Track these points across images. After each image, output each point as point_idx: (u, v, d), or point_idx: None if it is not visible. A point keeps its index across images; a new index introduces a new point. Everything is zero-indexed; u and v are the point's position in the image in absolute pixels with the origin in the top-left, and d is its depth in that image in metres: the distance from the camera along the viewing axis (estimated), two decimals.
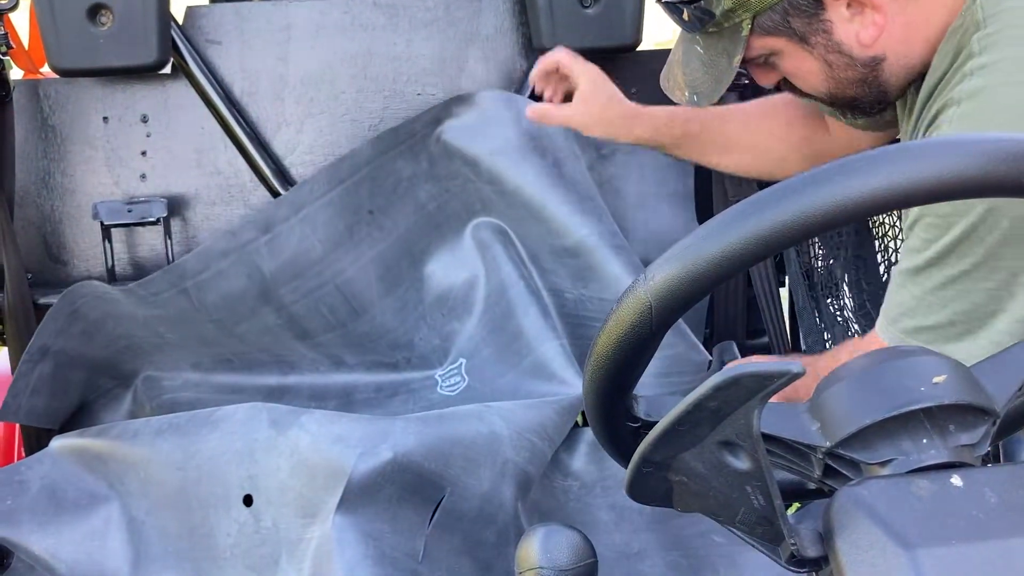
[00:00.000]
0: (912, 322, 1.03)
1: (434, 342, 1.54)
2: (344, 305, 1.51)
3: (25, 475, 1.25)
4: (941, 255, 0.98)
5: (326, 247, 1.49)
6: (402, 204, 1.52)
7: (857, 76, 1.09)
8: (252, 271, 1.44)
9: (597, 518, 1.26)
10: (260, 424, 1.18)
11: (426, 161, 1.52)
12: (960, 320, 1.00)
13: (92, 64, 1.45)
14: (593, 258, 1.45)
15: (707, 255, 0.59)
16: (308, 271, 1.48)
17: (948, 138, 0.61)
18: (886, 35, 1.06)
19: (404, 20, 1.59)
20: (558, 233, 1.47)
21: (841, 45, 1.07)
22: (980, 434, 0.61)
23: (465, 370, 1.49)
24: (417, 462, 1.14)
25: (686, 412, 0.58)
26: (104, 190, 1.56)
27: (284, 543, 1.14)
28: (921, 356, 0.63)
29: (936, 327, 1.01)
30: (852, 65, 1.09)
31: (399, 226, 1.53)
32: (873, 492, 0.57)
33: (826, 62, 1.09)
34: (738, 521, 0.64)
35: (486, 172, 1.49)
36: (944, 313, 1.00)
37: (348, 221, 1.50)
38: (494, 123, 1.48)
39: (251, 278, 1.44)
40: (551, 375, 1.40)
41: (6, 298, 1.45)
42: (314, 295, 1.49)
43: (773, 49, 1.11)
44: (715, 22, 1.08)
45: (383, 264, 1.53)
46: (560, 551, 0.68)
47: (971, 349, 0.95)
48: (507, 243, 1.53)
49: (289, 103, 1.59)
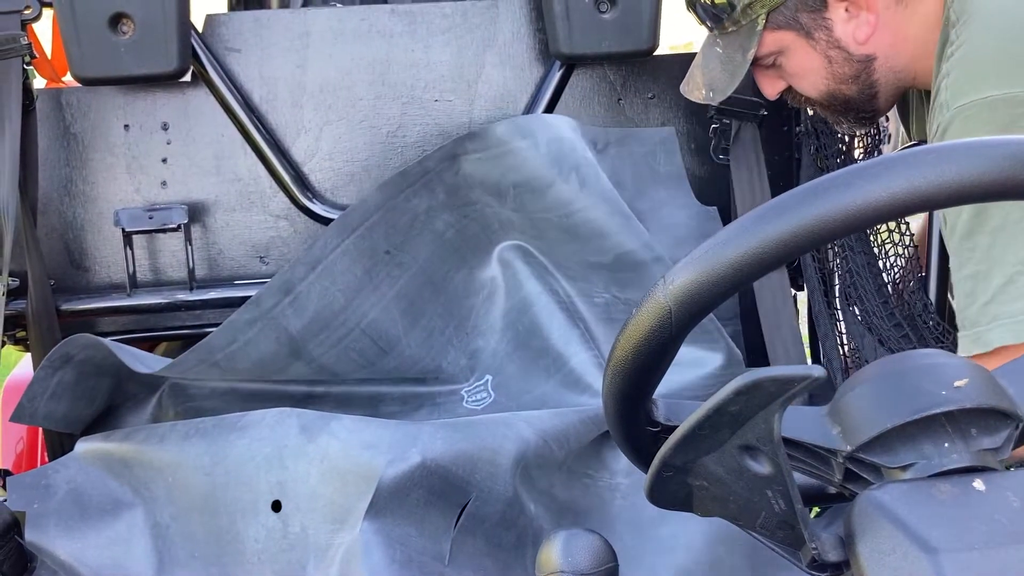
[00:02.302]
0: (979, 302, 1.07)
1: (461, 362, 1.54)
2: (372, 347, 1.50)
3: (51, 479, 1.26)
4: (973, 223, 1.07)
5: (347, 295, 1.48)
6: (420, 237, 1.52)
7: (852, 72, 1.25)
8: (280, 334, 1.43)
9: (643, 514, 1.26)
10: (289, 430, 1.19)
11: (443, 193, 1.51)
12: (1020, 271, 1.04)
13: (113, 73, 1.47)
14: (632, 271, 1.45)
15: (727, 259, 0.59)
16: (333, 322, 1.47)
17: (971, 141, 0.60)
18: (877, 35, 1.23)
19: (422, 27, 1.60)
20: (594, 251, 1.46)
21: (840, 41, 1.24)
22: (1003, 438, 0.60)
23: (492, 386, 1.49)
24: (445, 467, 1.15)
25: (706, 416, 0.58)
26: (125, 197, 1.58)
27: (312, 549, 1.14)
28: (942, 360, 0.63)
29: (1003, 287, 1.05)
30: (849, 61, 1.25)
31: (418, 259, 1.52)
32: (895, 496, 0.57)
33: (827, 57, 1.25)
34: (759, 525, 0.64)
35: (510, 201, 1.48)
36: (1003, 270, 1.05)
37: (365, 265, 1.49)
38: (511, 154, 1.47)
39: (279, 340, 1.43)
40: (586, 387, 1.40)
41: (29, 304, 1.47)
42: (342, 343, 1.49)
43: (782, 45, 1.27)
44: (733, 18, 1.26)
45: (406, 299, 1.52)
46: (580, 555, 0.68)
47: None
48: (529, 259, 1.52)
49: (308, 110, 1.60)
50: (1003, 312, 1.06)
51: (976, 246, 1.07)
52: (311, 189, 1.59)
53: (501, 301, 1.53)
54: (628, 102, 1.64)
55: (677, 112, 1.65)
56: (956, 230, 1.09)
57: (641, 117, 1.65)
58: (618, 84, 1.64)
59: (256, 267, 1.61)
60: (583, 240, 1.46)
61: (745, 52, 1.26)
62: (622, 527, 1.25)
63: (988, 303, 1.07)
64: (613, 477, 1.31)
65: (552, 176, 1.46)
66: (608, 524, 1.25)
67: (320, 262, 1.46)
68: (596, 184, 1.48)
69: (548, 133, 1.49)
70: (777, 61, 1.30)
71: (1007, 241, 1.06)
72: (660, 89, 1.65)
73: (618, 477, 1.30)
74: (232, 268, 1.60)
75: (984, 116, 1.07)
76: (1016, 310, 1.05)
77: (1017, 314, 1.05)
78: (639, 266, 1.45)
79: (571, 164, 1.48)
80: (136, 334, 1.61)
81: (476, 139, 1.49)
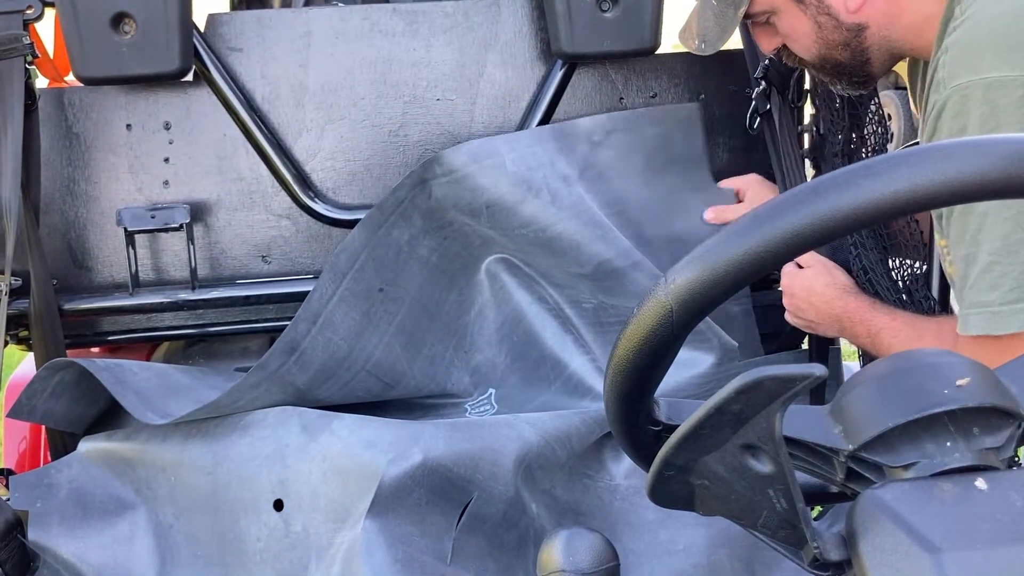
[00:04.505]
0: (967, 285, 1.08)
1: (464, 380, 1.54)
2: (378, 384, 1.49)
3: (54, 478, 1.27)
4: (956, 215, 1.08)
5: (350, 342, 1.46)
6: (408, 268, 1.51)
7: (842, 39, 1.25)
8: (286, 388, 1.40)
9: (643, 517, 1.26)
10: (291, 429, 1.19)
11: (420, 219, 1.50)
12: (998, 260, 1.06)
13: (116, 72, 1.47)
14: (613, 279, 1.44)
15: (728, 258, 0.59)
16: (338, 370, 1.45)
17: (975, 139, 0.60)
18: (870, 5, 1.22)
19: (423, 26, 1.60)
20: (573, 263, 1.46)
21: (830, 8, 1.24)
22: (1005, 437, 0.60)
23: (495, 399, 1.49)
24: (446, 466, 1.15)
25: (708, 415, 0.58)
26: (128, 196, 1.58)
27: (314, 547, 1.14)
28: (944, 358, 0.63)
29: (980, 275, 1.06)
30: (839, 28, 1.25)
31: (410, 290, 1.51)
32: (896, 495, 0.57)
33: (816, 23, 1.26)
34: (760, 525, 0.63)
35: (485, 221, 1.47)
36: (983, 257, 1.06)
37: (363, 308, 1.47)
38: (479, 175, 1.45)
39: (286, 392, 1.40)
40: (586, 391, 1.40)
41: (32, 304, 1.47)
42: (348, 386, 1.46)
43: (773, 6, 1.28)
44: None
45: (404, 332, 1.51)
46: (582, 554, 0.68)
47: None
48: (515, 270, 1.52)
49: (309, 109, 1.60)
50: (979, 300, 1.08)
51: (967, 227, 1.09)
52: (313, 188, 1.59)
53: (493, 315, 1.53)
54: (630, 101, 1.64)
55: None
56: (954, 208, 1.10)
57: None
58: (620, 83, 1.64)
59: (258, 266, 1.61)
60: (560, 253, 1.45)
61: (737, 8, 1.28)
62: (622, 529, 1.25)
63: (971, 288, 1.09)
64: (613, 479, 1.31)
65: (522, 193, 1.44)
66: (608, 526, 1.26)
67: (320, 315, 1.43)
68: (568, 197, 1.46)
69: (513, 152, 1.47)
70: (770, 21, 1.31)
71: (990, 227, 1.07)
72: (662, 88, 1.65)
73: (617, 479, 1.30)
74: (234, 267, 1.61)
75: (979, 97, 1.06)
76: (990, 300, 1.07)
77: (991, 304, 1.07)
78: (619, 274, 1.44)
79: (540, 180, 1.46)
80: (138, 333, 1.62)
81: (442, 162, 1.47)
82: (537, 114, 1.59)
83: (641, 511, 1.27)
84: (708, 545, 1.23)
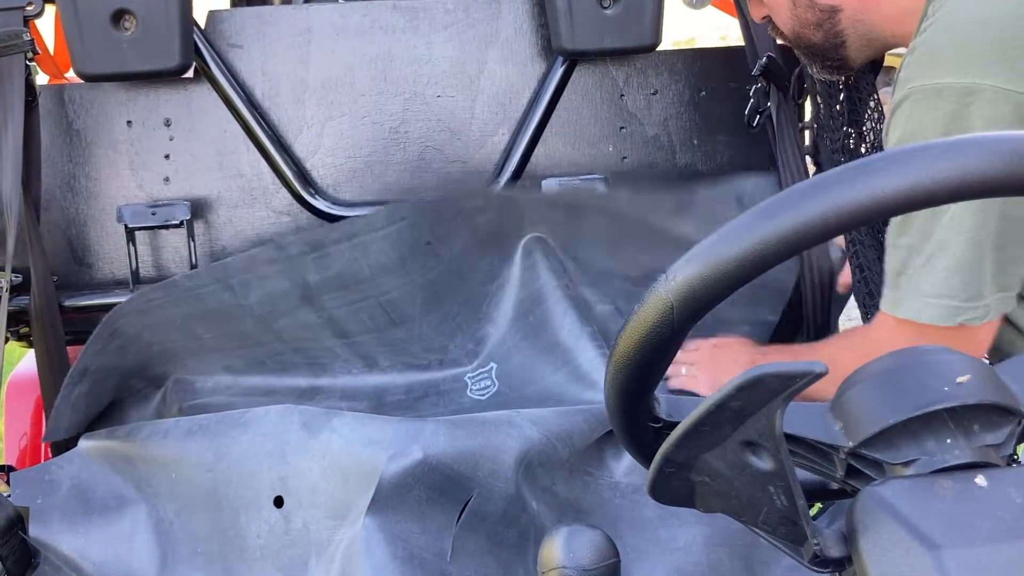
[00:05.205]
0: (907, 273, 1.14)
1: (468, 346, 1.54)
2: (384, 317, 1.51)
3: (55, 474, 1.27)
4: None
5: (375, 271, 1.48)
6: (460, 230, 1.52)
7: (815, 20, 1.28)
8: (296, 277, 1.44)
9: (643, 515, 1.26)
10: (291, 426, 1.19)
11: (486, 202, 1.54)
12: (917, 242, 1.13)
13: (116, 69, 1.47)
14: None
15: (729, 255, 0.59)
16: (353, 286, 1.48)
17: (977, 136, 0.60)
18: None
19: (424, 22, 1.60)
20: (629, 265, 1.48)
21: None
22: (1005, 434, 0.60)
23: (496, 375, 1.49)
24: (446, 464, 1.15)
25: (708, 412, 0.58)
26: (128, 193, 1.58)
27: (314, 544, 1.14)
28: (944, 356, 0.63)
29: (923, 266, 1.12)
30: (812, 8, 1.27)
31: (453, 250, 1.53)
32: (897, 492, 0.57)
33: (792, 0, 1.28)
34: (761, 521, 0.64)
35: (558, 218, 1.50)
36: (927, 248, 1.12)
37: (402, 253, 1.49)
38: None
39: (294, 283, 1.44)
40: (592, 383, 1.40)
41: (32, 301, 1.47)
42: (356, 305, 1.49)
43: None
44: None
45: (432, 289, 1.53)
46: (583, 551, 0.68)
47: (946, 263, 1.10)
48: (550, 253, 1.52)
49: (310, 106, 1.60)
50: (916, 288, 1.13)
51: (914, 217, 1.12)
52: (313, 185, 1.59)
53: (515, 291, 1.53)
54: (631, 98, 1.64)
55: (680, 108, 1.65)
56: None
57: (644, 113, 1.65)
58: (620, 80, 1.64)
59: None
60: (616, 252, 1.48)
61: None
62: (622, 527, 1.25)
63: (912, 276, 1.13)
64: (612, 477, 1.31)
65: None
66: (608, 523, 1.25)
67: (356, 236, 1.45)
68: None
69: None
70: None
71: (935, 219, 1.11)
72: (663, 84, 1.65)
73: (617, 477, 1.30)
74: None
75: (931, 102, 1.09)
76: (925, 290, 1.12)
77: (924, 295, 1.12)
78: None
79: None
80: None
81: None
82: (537, 111, 1.59)
83: (641, 509, 1.27)
84: (707, 543, 1.23)
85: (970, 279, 1.11)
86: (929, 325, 1.13)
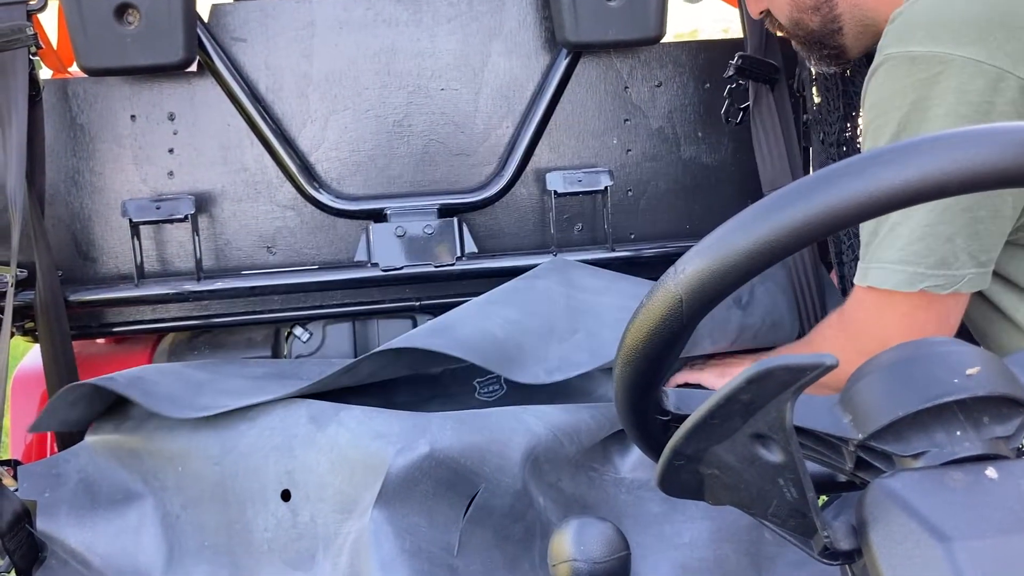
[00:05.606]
0: (875, 241, 1.16)
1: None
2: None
3: (63, 468, 1.27)
4: None
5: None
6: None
7: (812, 3, 1.31)
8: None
9: (649, 510, 1.26)
10: (299, 420, 1.19)
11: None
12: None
13: (120, 63, 1.47)
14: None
15: (738, 248, 0.59)
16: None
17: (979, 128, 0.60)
18: None
19: (427, 15, 1.59)
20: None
21: None
22: (1015, 426, 0.60)
23: (505, 379, 1.48)
24: (453, 458, 1.15)
25: (718, 405, 0.58)
26: (132, 187, 1.58)
27: (321, 538, 1.15)
28: (954, 347, 0.63)
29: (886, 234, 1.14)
30: None
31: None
32: (907, 484, 0.57)
33: None
34: (770, 514, 0.64)
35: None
36: (892, 217, 1.13)
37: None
38: None
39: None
40: (600, 382, 1.40)
41: (37, 296, 1.47)
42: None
43: None
44: None
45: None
46: (594, 544, 0.68)
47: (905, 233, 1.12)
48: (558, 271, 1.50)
49: (314, 100, 1.59)
50: (881, 256, 1.15)
51: None
52: (317, 179, 1.59)
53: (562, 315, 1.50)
54: (635, 90, 1.64)
55: (684, 100, 1.65)
56: None
57: (648, 105, 1.64)
58: (625, 72, 1.64)
59: (263, 257, 1.61)
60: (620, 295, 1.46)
61: None
62: (627, 522, 1.25)
63: (878, 245, 1.15)
64: (618, 472, 1.31)
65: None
66: (614, 519, 1.25)
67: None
68: None
69: None
70: None
71: None
72: (667, 77, 1.64)
73: (623, 472, 1.31)
74: (239, 258, 1.61)
75: (904, 68, 1.12)
76: (888, 257, 1.14)
77: (888, 261, 1.13)
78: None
79: None
80: (143, 325, 1.62)
81: None
82: (542, 104, 1.59)
83: (647, 504, 1.27)
84: (713, 539, 1.23)
85: (934, 245, 1.11)
86: (895, 292, 1.14)
